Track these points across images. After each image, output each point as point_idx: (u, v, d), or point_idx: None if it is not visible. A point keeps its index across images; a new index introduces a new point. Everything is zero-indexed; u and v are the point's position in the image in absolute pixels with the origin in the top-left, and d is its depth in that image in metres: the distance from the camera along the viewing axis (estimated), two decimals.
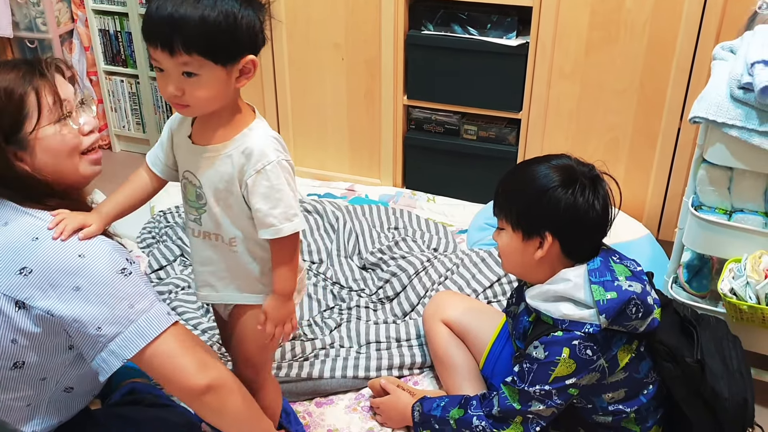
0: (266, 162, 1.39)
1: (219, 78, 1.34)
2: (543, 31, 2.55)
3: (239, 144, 1.41)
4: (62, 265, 1.26)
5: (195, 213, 1.50)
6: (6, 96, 1.29)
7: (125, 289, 1.28)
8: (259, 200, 1.40)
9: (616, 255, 1.59)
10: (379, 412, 1.92)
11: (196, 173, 1.45)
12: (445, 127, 2.88)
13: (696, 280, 2.08)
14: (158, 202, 2.90)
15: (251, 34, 1.35)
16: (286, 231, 1.42)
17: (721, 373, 1.57)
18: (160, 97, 3.37)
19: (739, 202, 1.93)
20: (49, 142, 1.33)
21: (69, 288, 1.25)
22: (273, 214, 1.40)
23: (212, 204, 1.45)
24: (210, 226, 1.49)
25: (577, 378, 1.53)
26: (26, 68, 1.32)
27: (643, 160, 2.63)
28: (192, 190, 1.47)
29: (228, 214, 1.46)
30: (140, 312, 1.30)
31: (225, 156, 1.41)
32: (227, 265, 1.52)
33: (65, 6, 3.30)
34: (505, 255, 1.64)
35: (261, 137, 1.41)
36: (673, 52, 2.43)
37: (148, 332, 1.29)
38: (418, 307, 2.29)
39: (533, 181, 1.55)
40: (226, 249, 1.50)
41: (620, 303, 1.47)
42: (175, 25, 1.27)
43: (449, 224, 2.78)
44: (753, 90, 1.75)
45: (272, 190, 1.39)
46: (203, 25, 1.28)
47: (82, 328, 1.27)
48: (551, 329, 1.54)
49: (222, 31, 1.30)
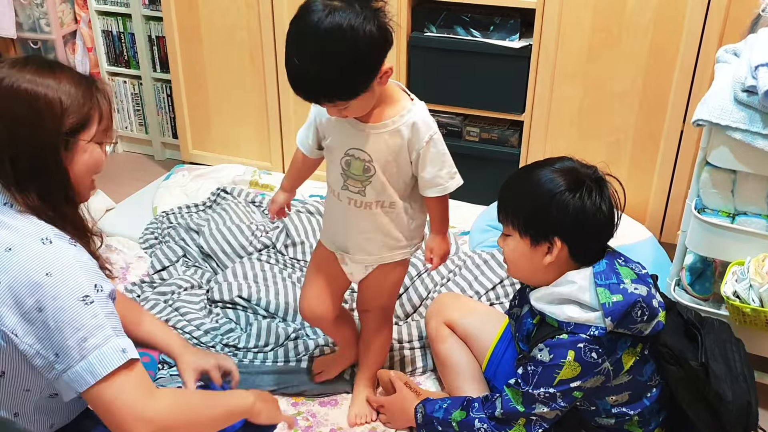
0: (433, 132, 1.63)
1: (364, 99, 1.54)
2: (546, 33, 2.55)
3: (406, 119, 1.61)
4: (28, 281, 1.23)
5: (360, 185, 1.68)
6: (83, 98, 1.33)
7: (82, 319, 1.24)
8: (429, 165, 1.65)
9: (622, 257, 1.59)
10: (383, 412, 1.93)
11: (366, 148, 1.64)
12: (447, 129, 2.88)
13: (699, 283, 2.08)
14: (161, 203, 2.91)
15: (380, 51, 1.49)
16: (452, 187, 1.70)
17: (725, 376, 1.56)
18: (162, 98, 3.38)
19: (743, 205, 1.93)
20: (89, 158, 1.37)
21: (33, 308, 1.23)
22: (441, 175, 1.66)
23: (380, 175, 1.66)
24: (373, 195, 1.69)
25: (582, 381, 1.53)
26: (90, 83, 1.37)
27: (646, 163, 2.63)
28: (359, 165, 1.66)
29: (391, 182, 1.67)
30: (93, 348, 1.24)
31: (393, 131, 1.61)
32: (384, 229, 1.74)
33: (68, 7, 3.31)
34: (512, 261, 1.63)
35: (421, 111, 1.63)
36: (676, 55, 2.43)
37: (97, 370, 1.24)
38: (421, 308, 2.29)
39: (539, 186, 1.54)
40: (384, 213, 1.72)
41: (626, 306, 1.47)
42: (318, 92, 1.51)
43: (451, 226, 2.77)
44: (757, 93, 1.75)
45: (439, 154, 1.65)
46: (338, 88, 1.49)
47: (41, 350, 1.25)
48: (556, 332, 1.54)
49: (355, 80, 1.48)
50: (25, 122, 1.28)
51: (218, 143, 3.23)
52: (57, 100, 1.29)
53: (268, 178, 3.08)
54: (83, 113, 1.33)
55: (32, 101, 1.28)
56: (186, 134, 3.25)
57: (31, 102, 1.28)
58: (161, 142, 3.47)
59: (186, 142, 3.26)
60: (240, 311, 2.28)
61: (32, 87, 1.29)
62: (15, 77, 1.29)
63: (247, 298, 2.30)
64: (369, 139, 1.62)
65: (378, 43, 1.47)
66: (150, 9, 3.20)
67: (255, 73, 2.97)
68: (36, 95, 1.28)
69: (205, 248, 2.54)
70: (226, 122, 3.16)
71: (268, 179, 3.07)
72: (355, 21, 1.43)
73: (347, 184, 1.69)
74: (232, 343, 2.15)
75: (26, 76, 1.29)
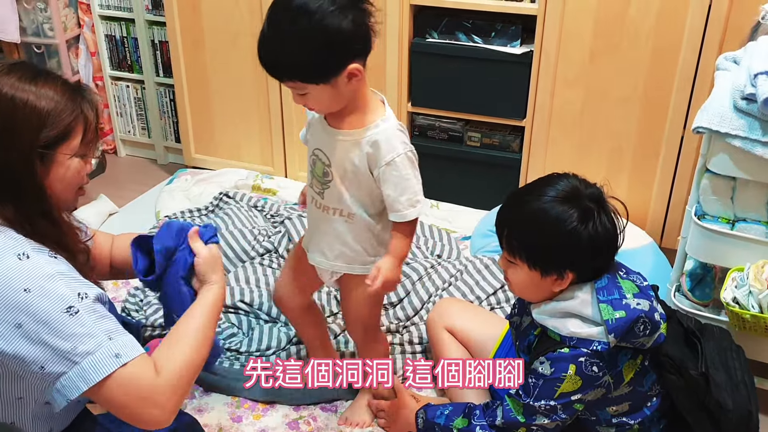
0: (396, 154, 1.55)
1: (325, 91, 1.50)
2: (547, 39, 2.56)
3: (370, 135, 1.56)
4: (6, 298, 1.20)
5: (319, 187, 1.66)
6: (67, 109, 1.28)
7: (69, 329, 1.21)
8: (389, 187, 1.58)
9: (623, 269, 1.59)
10: (383, 416, 1.93)
11: (326, 152, 1.61)
12: (448, 134, 2.89)
13: (699, 289, 2.09)
14: (163, 207, 2.92)
15: (348, 46, 1.46)
16: (410, 216, 1.61)
17: (726, 384, 1.57)
18: (165, 102, 3.39)
19: (742, 212, 1.94)
20: (67, 172, 1.32)
21: (11, 324, 1.20)
22: (400, 200, 1.58)
23: (338, 182, 1.62)
24: (332, 201, 1.65)
25: (583, 394, 1.53)
26: (77, 94, 1.31)
27: (647, 169, 2.64)
28: (320, 166, 1.63)
29: (352, 192, 1.62)
30: (84, 354, 1.21)
31: (355, 142, 1.57)
32: (342, 238, 1.68)
33: (72, 11, 3.32)
34: (519, 288, 1.61)
35: (389, 130, 1.57)
36: (676, 62, 2.45)
37: (90, 376, 1.21)
38: (422, 312, 2.30)
39: (548, 222, 1.50)
40: (343, 223, 1.66)
41: (629, 322, 1.47)
42: (273, 64, 1.48)
43: (453, 231, 2.79)
44: (756, 101, 1.76)
45: (400, 179, 1.57)
46: (295, 64, 1.46)
47: (24, 366, 1.22)
48: (558, 345, 1.54)
49: (313, 61, 1.45)
50: (1, 132, 1.23)
51: (221, 148, 3.24)
52: (36, 111, 1.24)
53: (270, 182, 3.09)
54: (64, 125, 1.28)
55: (9, 111, 1.23)
56: (189, 138, 3.26)
57: (8, 111, 1.23)
58: (164, 147, 3.48)
59: (189, 146, 3.28)
60: (242, 315, 2.29)
61: (11, 95, 1.24)
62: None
63: (249, 302, 2.31)
64: (332, 143, 1.60)
65: (346, 39, 1.45)
66: (153, 14, 3.21)
67: (257, 78, 2.98)
68: (14, 105, 1.23)
69: None
70: (228, 127, 3.18)
71: (271, 184, 3.08)
72: (328, 9, 1.42)
73: (312, 182, 1.68)
74: (234, 347, 2.16)
75: (8, 83, 1.25)
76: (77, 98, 1.31)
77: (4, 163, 1.24)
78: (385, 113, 1.59)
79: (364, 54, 1.51)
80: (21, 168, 1.25)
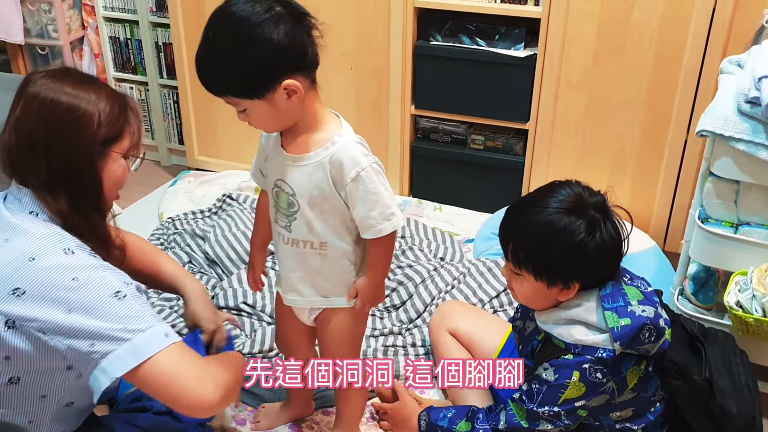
0: (360, 169, 1.45)
1: (262, 108, 1.40)
2: (551, 42, 2.57)
3: (329, 153, 1.46)
4: (56, 287, 1.25)
5: (285, 220, 1.54)
6: (118, 113, 1.39)
7: (119, 311, 1.26)
8: (358, 204, 1.47)
9: (627, 275, 1.58)
10: (385, 419, 1.93)
11: (288, 181, 1.50)
12: (452, 137, 2.89)
13: (702, 293, 2.09)
14: (167, 209, 2.92)
15: (280, 60, 1.36)
16: (386, 230, 1.50)
17: (729, 389, 1.56)
18: (168, 105, 3.39)
19: (746, 215, 1.94)
20: (118, 170, 1.42)
21: (62, 308, 1.25)
22: (372, 216, 1.48)
23: (305, 210, 1.50)
24: (301, 233, 1.53)
25: (587, 400, 1.53)
26: (123, 100, 1.42)
27: (650, 172, 2.64)
28: (284, 197, 1.52)
29: (322, 219, 1.51)
30: (134, 332, 1.26)
31: (317, 164, 1.47)
32: (315, 271, 1.57)
33: (76, 13, 3.33)
34: (525, 297, 1.60)
35: (348, 145, 1.46)
36: (680, 65, 2.45)
37: (141, 352, 1.25)
38: (424, 314, 2.30)
39: (554, 233, 1.48)
40: (315, 255, 1.55)
41: (634, 329, 1.46)
42: (204, 78, 1.40)
43: (456, 233, 2.79)
44: (760, 104, 1.76)
45: (368, 193, 1.47)
46: (222, 77, 1.38)
47: (74, 344, 1.25)
48: (562, 352, 1.53)
49: (240, 74, 1.36)
50: (64, 129, 1.32)
51: (224, 149, 3.24)
52: (95, 111, 1.34)
53: None
54: (117, 127, 1.38)
55: (72, 110, 1.32)
56: (192, 140, 3.27)
57: (71, 111, 1.32)
58: (167, 148, 3.49)
59: (192, 148, 3.28)
60: (245, 317, 2.29)
61: (73, 97, 1.33)
62: (56, 87, 1.33)
63: (252, 304, 2.31)
64: (292, 171, 1.49)
65: (279, 52, 1.34)
66: (157, 16, 3.22)
67: None
68: (77, 105, 1.33)
69: (210, 254, 2.55)
70: (231, 129, 3.18)
71: None
72: (259, 17, 1.33)
73: (277, 216, 1.56)
74: (236, 349, 2.16)
75: (66, 88, 1.34)
76: (124, 104, 1.41)
77: (66, 157, 1.33)
78: (341, 128, 1.49)
79: (304, 69, 1.40)
80: (82, 161, 1.35)
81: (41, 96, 1.32)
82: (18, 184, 1.35)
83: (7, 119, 1.35)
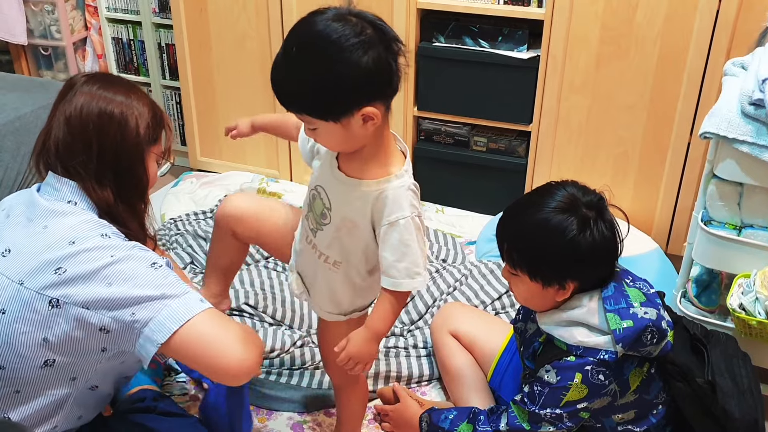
0: (400, 216, 1.40)
1: (335, 131, 1.35)
2: (554, 44, 2.56)
3: (380, 189, 1.41)
4: (96, 264, 1.32)
5: (315, 225, 1.52)
6: (157, 118, 1.50)
7: (156, 279, 1.33)
8: (387, 249, 1.42)
9: (629, 277, 1.57)
10: (387, 420, 1.93)
11: (329, 194, 1.47)
12: (454, 139, 2.89)
13: (705, 295, 2.08)
14: (168, 210, 2.92)
15: (365, 86, 1.31)
16: (405, 287, 1.44)
17: (732, 392, 1.56)
18: (171, 106, 3.40)
19: (749, 218, 1.93)
20: (154, 168, 1.53)
21: (103, 282, 1.31)
22: (397, 267, 1.42)
23: (335, 227, 1.47)
24: (323, 244, 1.51)
25: (589, 402, 1.53)
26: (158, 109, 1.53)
27: (653, 174, 2.64)
28: (320, 205, 1.49)
29: (345, 242, 1.48)
30: (172, 297, 1.33)
31: (362, 193, 1.42)
32: (322, 282, 1.56)
33: (79, 14, 3.33)
34: (524, 298, 1.60)
35: (400, 188, 1.40)
36: (683, 67, 2.44)
37: (180, 315, 1.31)
38: (426, 316, 2.30)
39: (545, 231, 1.48)
40: (326, 268, 1.53)
41: (637, 331, 1.46)
42: (281, 95, 1.35)
43: (458, 235, 2.79)
44: (764, 106, 1.75)
45: (400, 244, 1.41)
46: (299, 96, 1.33)
47: (118, 315, 1.30)
48: (564, 354, 1.53)
49: (320, 97, 1.31)
50: (119, 126, 1.43)
51: (226, 150, 3.24)
52: (143, 113, 1.47)
53: (275, 185, 3.09)
54: (157, 131, 1.51)
55: (125, 110, 1.44)
56: (194, 141, 3.27)
57: (124, 110, 1.44)
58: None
59: (194, 149, 3.28)
60: (246, 318, 2.29)
61: (125, 98, 1.45)
62: (107, 89, 1.45)
63: (254, 305, 2.30)
64: (338, 188, 1.45)
65: (364, 80, 1.29)
66: (160, 17, 3.22)
67: (264, 81, 2.97)
68: (129, 105, 1.45)
69: None
70: None
71: (276, 187, 3.08)
72: (349, 41, 1.27)
73: (308, 215, 1.54)
74: None
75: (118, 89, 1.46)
76: (160, 111, 1.52)
77: (119, 150, 1.44)
78: (403, 167, 1.43)
79: (385, 97, 1.35)
80: (133, 155, 1.46)
81: (96, 94, 1.43)
82: (59, 175, 1.42)
83: (51, 117, 1.45)
